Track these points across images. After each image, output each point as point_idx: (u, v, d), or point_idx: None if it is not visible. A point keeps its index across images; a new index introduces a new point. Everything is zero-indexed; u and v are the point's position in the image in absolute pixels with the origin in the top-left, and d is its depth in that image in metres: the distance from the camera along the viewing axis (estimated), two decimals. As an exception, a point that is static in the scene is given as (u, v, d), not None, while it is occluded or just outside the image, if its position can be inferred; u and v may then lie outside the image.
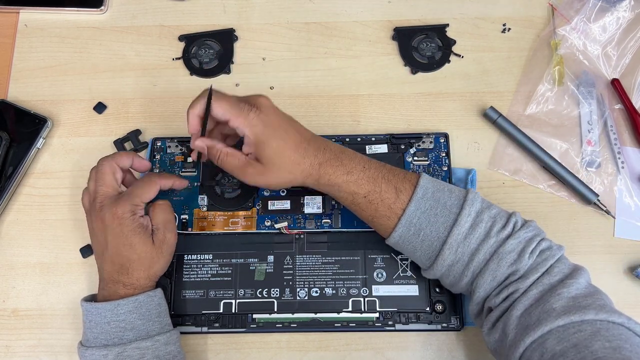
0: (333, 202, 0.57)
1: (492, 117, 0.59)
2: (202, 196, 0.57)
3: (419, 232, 0.46)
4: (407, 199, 0.47)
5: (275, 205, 0.57)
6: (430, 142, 0.58)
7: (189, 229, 0.56)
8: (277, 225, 0.55)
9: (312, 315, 0.54)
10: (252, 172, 0.48)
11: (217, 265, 0.55)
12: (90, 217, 0.51)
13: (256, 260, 0.55)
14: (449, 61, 0.63)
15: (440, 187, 0.47)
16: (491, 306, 0.45)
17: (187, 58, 0.64)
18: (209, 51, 0.64)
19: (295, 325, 0.54)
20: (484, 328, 0.46)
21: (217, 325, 0.54)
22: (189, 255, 0.56)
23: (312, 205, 0.57)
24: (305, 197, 0.57)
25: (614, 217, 0.57)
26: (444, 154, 0.58)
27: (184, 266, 0.55)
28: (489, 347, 0.46)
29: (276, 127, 0.47)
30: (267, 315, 0.54)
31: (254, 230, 0.56)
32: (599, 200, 0.56)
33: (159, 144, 0.59)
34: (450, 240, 0.45)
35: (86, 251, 0.57)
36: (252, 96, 0.49)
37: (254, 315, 0.54)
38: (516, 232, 0.45)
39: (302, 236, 0.56)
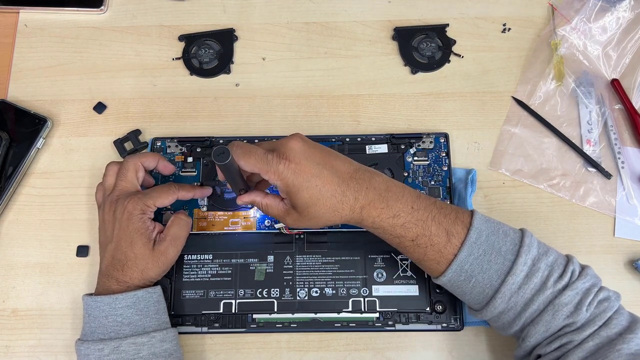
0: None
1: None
2: (202, 196, 0.57)
3: (470, 278, 0.44)
4: (459, 243, 0.44)
5: (275, 205, 0.57)
6: (430, 142, 0.58)
7: (189, 229, 0.56)
8: (277, 225, 0.55)
9: (312, 315, 0.54)
10: (291, 220, 0.47)
11: (217, 265, 0.55)
12: (102, 210, 0.51)
13: (256, 260, 0.55)
14: (449, 61, 0.63)
15: (494, 229, 0.45)
16: (541, 354, 0.43)
17: (187, 58, 0.64)
18: (209, 51, 0.64)
19: (295, 325, 0.54)
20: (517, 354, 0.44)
21: (217, 325, 0.54)
22: (189, 255, 0.56)
23: (312, 205, 0.56)
24: (305, 197, 0.57)
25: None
26: (444, 154, 0.58)
27: (184, 266, 0.55)
28: None
29: (308, 175, 0.44)
30: (267, 315, 0.54)
31: (254, 230, 0.56)
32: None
33: (159, 144, 0.59)
34: (504, 290, 0.43)
35: (81, 250, 0.57)
36: (283, 141, 0.46)
37: (254, 315, 0.54)
38: (573, 283, 0.42)
39: (302, 236, 0.56)
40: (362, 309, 0.54)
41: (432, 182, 0.57)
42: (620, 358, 0.39)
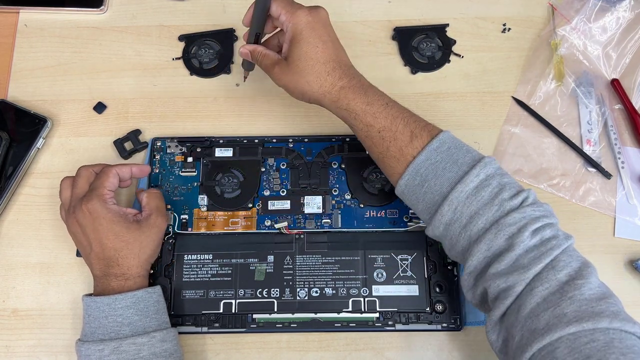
0: (333, 202, 0.57)
1: None
2: (202, 196, 0.57)
3: (424, 183, 0.45)
4: (420, 146, 0.45)
5: (275, 205, 0.57)
6: (430, 142, 0.58)
7: (189, 229, 0.56)
8: (277, 225, 0.55)
9: (312, 315, 0.54)
10: (277, 71, 0.50)
11: (217, 265, 0.55)
12: (67, 224, 0.51)
13: (256, 260, 0.55)
14: (449, 61, 0.63)
15: (459, 145, 0.46)
16: (486, 288, 0.43)
17: (187, 58, 0.64)
18: (209, 51, 0.64)
19: (295, 325, 0.54)
20: (487, 329, 0.43)
21: (217, 325, 0.54)
22: (189, 255, 0.56)
23: (312, 205, 0.57)
24: (305, 197, 0.57)
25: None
26: (444, 154, 0.58)
27: (184, 266, 0.55)
28: (494, 348, 0.43)
29: (316, 33, 0.48)
30: (267, 315, 0.54)
31: (254, 230, 0.56)
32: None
33: (159, 144, 0.59)
34: (451, 197, 0.43)
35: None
36: (314, 5, 0.49)
37: (254, 315, 0.54)
38: (523, 207, 0.42)
39: (302, 236, 0.56)
40: (362, 309, 0.54)
41: (432, 182, 0.57)
42: (572, 305, 0.38)
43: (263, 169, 0.58)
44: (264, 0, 0.49)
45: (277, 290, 0.54)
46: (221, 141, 0.59)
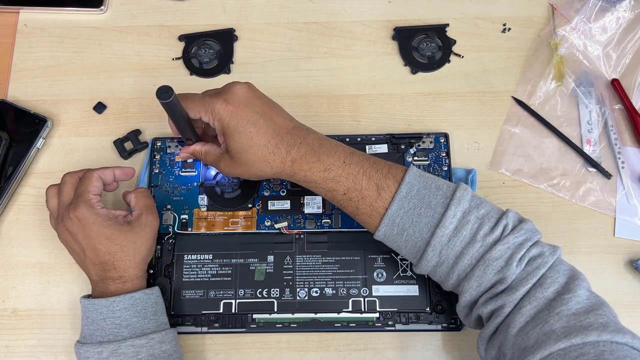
0: (333, 202, 0.57)
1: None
2: (202, 196, 0.57)
3: (402, 232, 0.45)
4: (389, 197, 0.44)
5: (275, 205, 0.57)
6: (430, 142, 0.58)
7: (189, 229, 0.56)
8: (277, 225, 0.55)
9: (312, 315, 0.54)
10: (224, 165, 0.49)
11: (217, 265, 0.55)
12: (58, 233, 0.50)
13: (256, 260, 0.55)
14: (449, 61, 0.63)
15: (427, 184, 0.45)
16: (480, 314, 0.44)
17: (187, 58, 0.64)
18: (209, 51, 0.64)
19: (295, 325, 0.54)
20: (478, 344, 0.44)
21: (217, 325, 0.54)
22: (189, 255, 0.56)
23: (312, 205, 0.57)
24: (305, 197, 0.57)
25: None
26: (444, 154, 0.58)
27: (184, 266, 0.55)
28: None
29: (244, 120, 0.46)
30: (267, 316, 0.54)
31: (254, 230, 0.56)
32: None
33: (159, 144, 0.59)
34: (434, 243, 0.43)
35: None
36: (228, 85, 0.48)
37: (254, 316, 0.54)
38: (505, 237, 0.42)
39: (302, 236, 0.56)
40: (362, 309, 0.54)
41: (432, 182, 0.57)
42: (560, 321, 0.38)
43: (263, 169, 0.58)
44: (176, 114, 0.47)
45: (277, 290, 0.54)
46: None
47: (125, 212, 0.52)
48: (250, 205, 0.57)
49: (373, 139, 0.59)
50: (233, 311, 0.54)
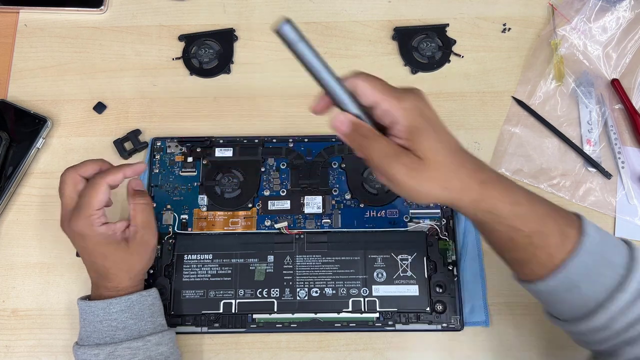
0: (333, 202, 0.57)
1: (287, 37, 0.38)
2: (202, 196, 0.57)
3: (573, 288, 0.38)
4: (571, 247, 0.38)
5: (275, 205, 0.57)
6: (430, 142, 0.58)
7: (189, 229, 0.56)
8: (277, 225, 0.55)
9: (312, 315, 0.54)
10: (405, 165, 0.37)
11: (217, 265, 0.55)
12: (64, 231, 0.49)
13: (256, 260, 0.55)
14: (449, 61, 0.63)
15: (604, 238, 0.39)
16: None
17: (187, 58, 0.64)
18: (209, 51, 0.64)
19: (295, 325, 0.54)
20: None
21: (217, 325, 0.54)
22: (189, 255, 0.56)
23: (312, 205, 0.57)
24: (305, 197, 0.57)
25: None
26: (444, 154, 0.58)
27: (184, 266, 0.55)
28: None
29: (433, 120, 0.38)
30: (267, 316, 0.54)
31: (254, 230, 0.56)
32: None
33: (159, 144, 0.59)
34: (610, 307, 0.37)
35: None
36: (405, 87, 0.39)
37: (254, 316, 0.54)
38: None
39: (302, 236, 0.56)
40: (362, 309, 0.54)
41: (432, 182, 0.57)
42: None
43: (263, 169, 0.58)
44: (343, 84, 0.37)
45: (277, 290, 0.54)
46: (221, 141, 0.59)
47: (126, 222, 0.51)
48: (250, 205, 0.57)
49: (373, 139, 0.59)
50: (233, 311, 0.54)
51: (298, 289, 0.54)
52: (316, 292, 0.54)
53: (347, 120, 0.38)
